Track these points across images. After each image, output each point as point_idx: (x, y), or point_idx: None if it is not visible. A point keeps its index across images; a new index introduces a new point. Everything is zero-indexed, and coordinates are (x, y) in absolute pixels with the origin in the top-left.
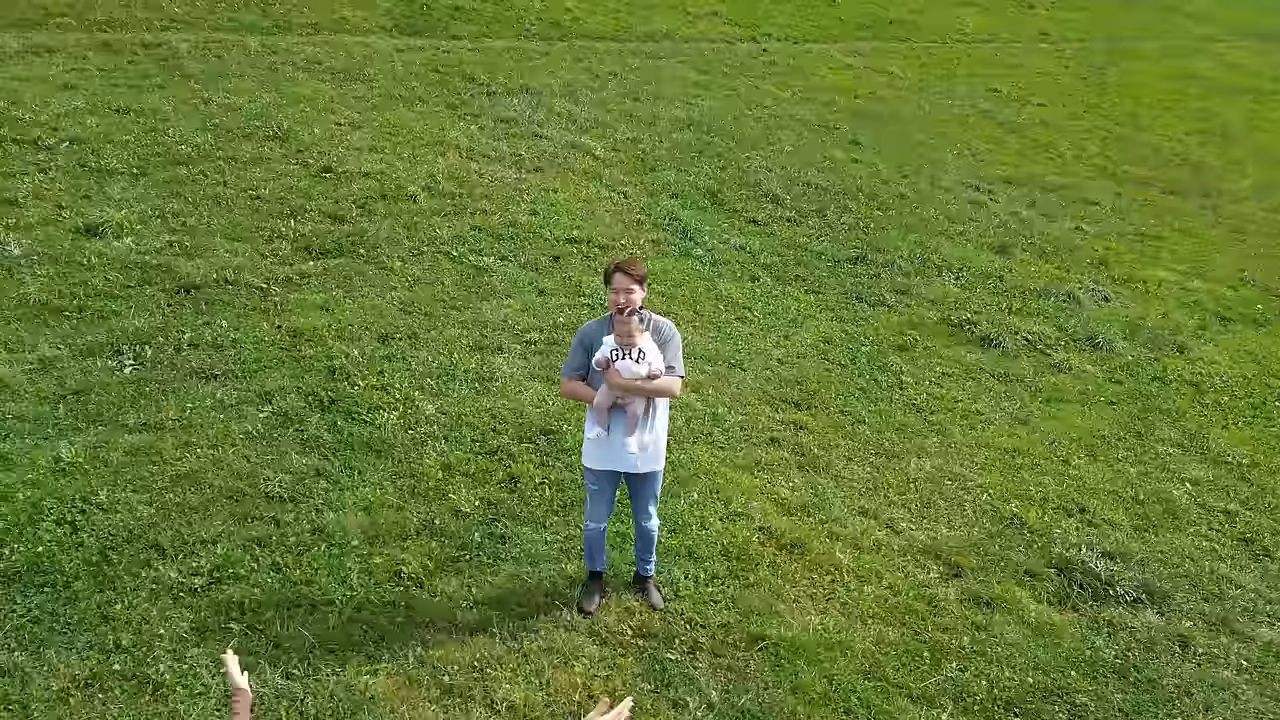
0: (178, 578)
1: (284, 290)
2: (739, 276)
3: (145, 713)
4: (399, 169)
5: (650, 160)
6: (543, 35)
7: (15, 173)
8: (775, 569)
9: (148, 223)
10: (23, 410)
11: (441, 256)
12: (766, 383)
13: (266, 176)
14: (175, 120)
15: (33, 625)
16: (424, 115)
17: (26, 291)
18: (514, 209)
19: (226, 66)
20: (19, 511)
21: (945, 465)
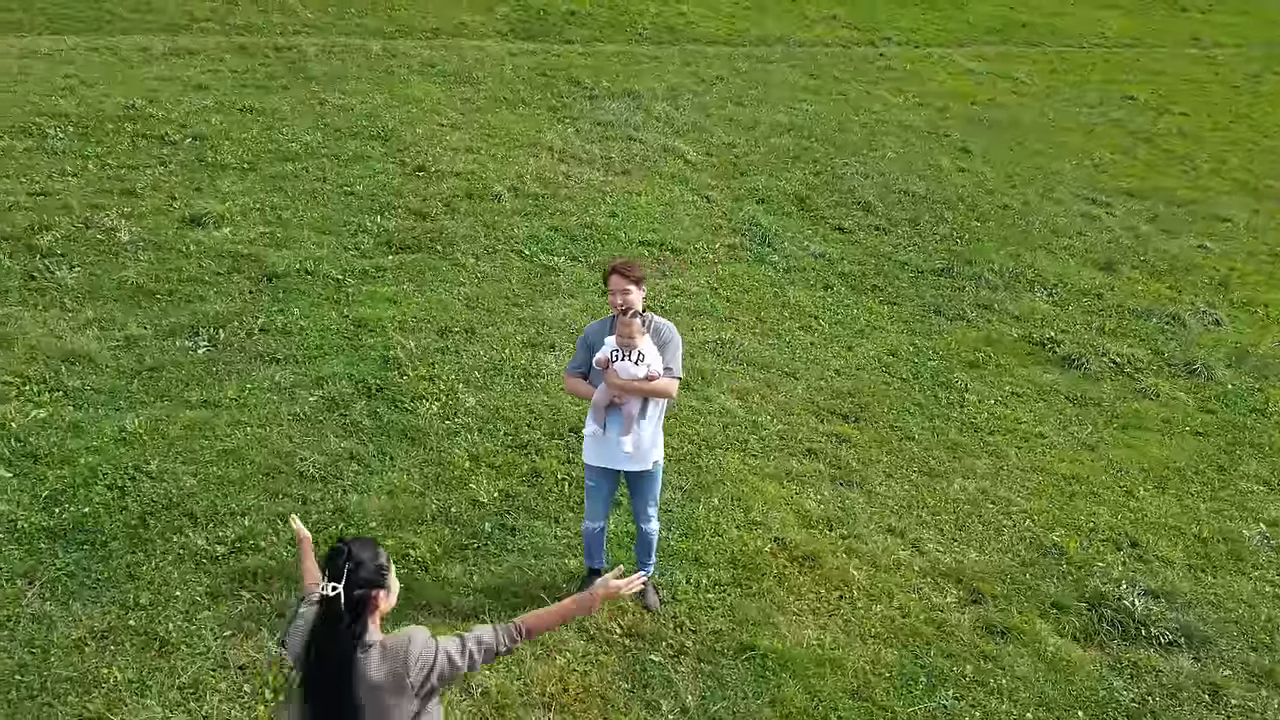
0: (204, 545)
1: (358, 282)
2: (812, 284)
3: (148, 666)
4: (489, 169)
5: (742, 165)
6: (654, 39)
7: (139, 165)
8: (782, 580)
9: (247, 214)
10: (101, 383)
11: (514, 255)
12: (818, 393)
13: (363, 174)
14: (291, 119)
15: (67, 579)
16: (524, 117)
17: (126, 275)
18: (593, 211)
19: (346, 69)
20: (77, 475)
21: (991, 488)
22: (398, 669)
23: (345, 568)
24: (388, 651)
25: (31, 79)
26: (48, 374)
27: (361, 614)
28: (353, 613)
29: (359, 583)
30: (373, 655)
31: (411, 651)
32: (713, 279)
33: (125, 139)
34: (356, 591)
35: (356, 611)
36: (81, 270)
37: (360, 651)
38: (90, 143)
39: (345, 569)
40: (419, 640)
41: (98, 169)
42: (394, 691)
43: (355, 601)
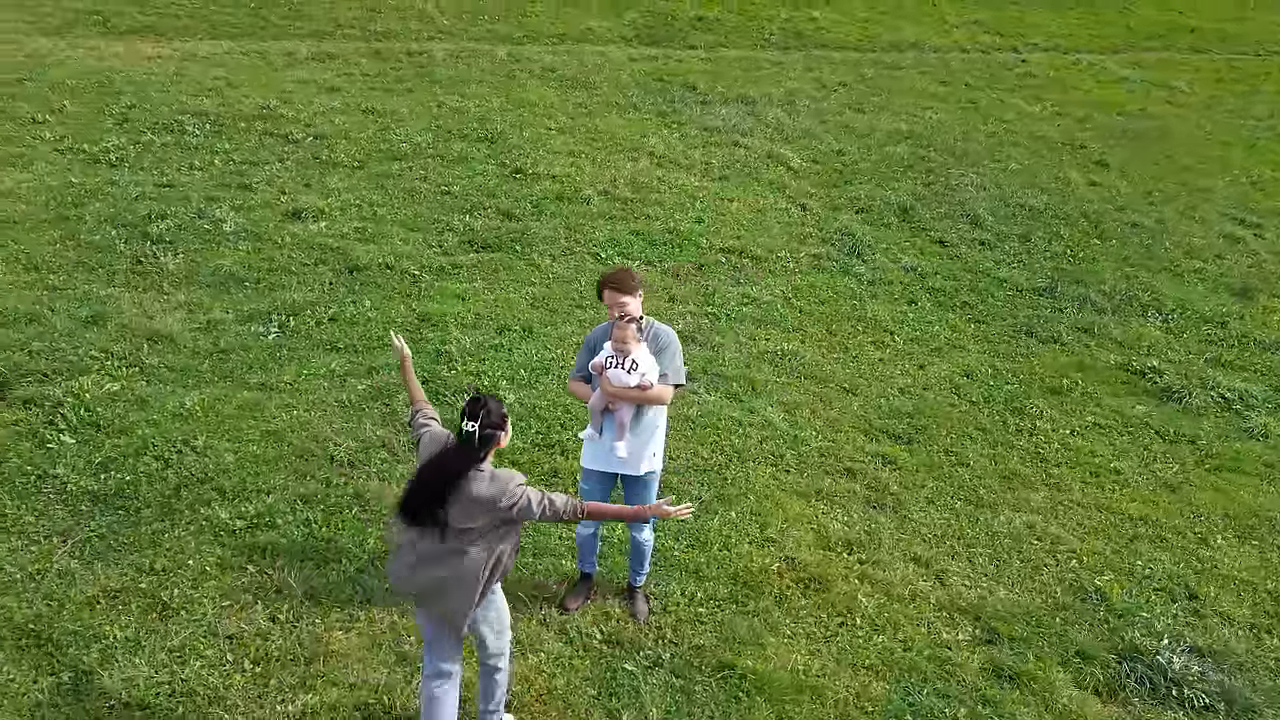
0: (225, 519)
1: (433, 278)
2: (895, 298)
3: (146, 628)
4: (586, 172)
5: (848, 173)
6: (781, 45)
7: (260, 161)
8: (781, 601)
9: (345, 210)
10: (176, 362)
11: (589, 257)
12: (874, 412)
13: (463, 175)
14: (408, 120)
15: (97, 540)
16: (632, 122)
17: (223, 263)
18: (680, 216)
19: (470, 73)
20: (131, 444)
21: (1041, 523)
22: (496, 493)
23: (481, 414)
24: (496, 479)
25: (185, 80)
26: (130, 351)
27: (487, 447)
28: (482, 445)
29: (488, 425)
30: (485, 476)
31: (509, 486)
32: (789, 288)
33: (254, 137)
34: (486, 431)
35: (484, 444)
36: (184, 257)
37: (476, 470)
38: (222, 139)
39: (481, 415)
40: (516, 480)
41: (222, 164)
42: (488, 509)
43: (485, 438)
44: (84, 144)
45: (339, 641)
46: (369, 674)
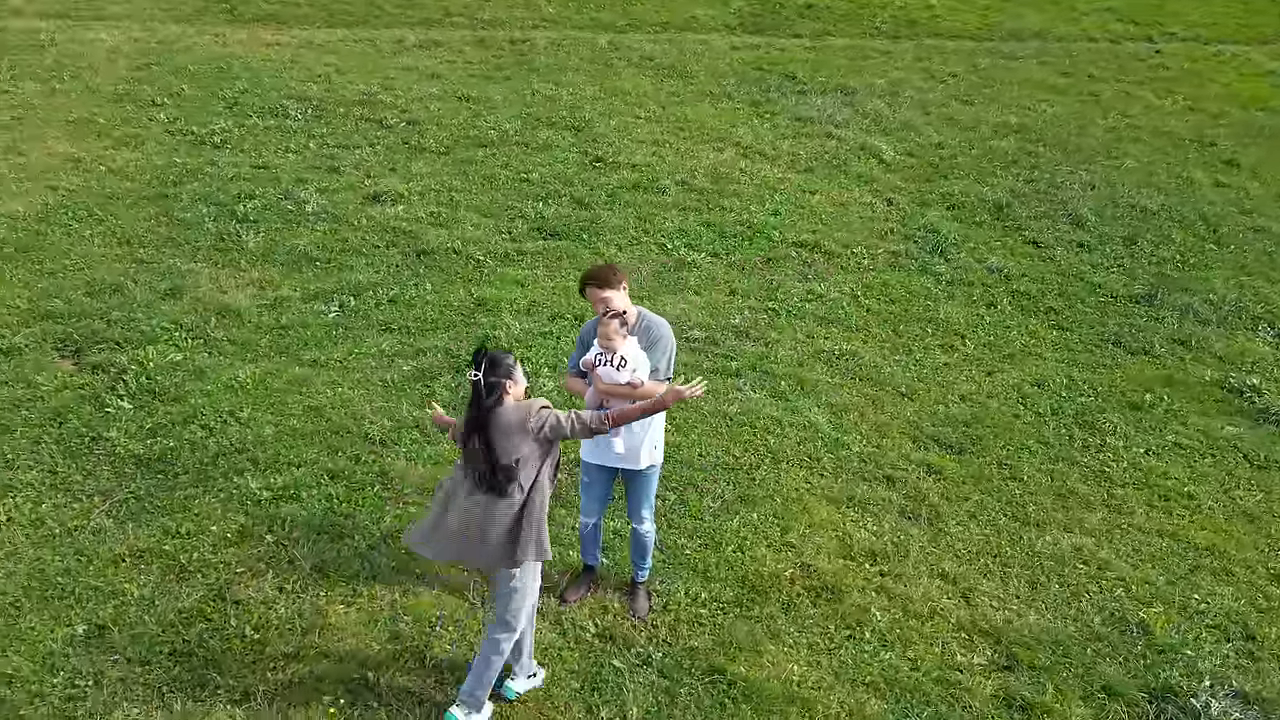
0: (254, 488)
1: (496, 264)
2: (973, 300)
3: (162, 588)
4: (666, 162)
5: (944, 167)
6: (891, 33)
7: (351, 145)
8: (789, 609)
9: (424, 195)
10: (239, 336)
11: (656, 248)
12: (928, 418)
13: (544, 162)
14: (501, 108)
15: (134, 501)
16: (723, 111)
17: (299, 242)
18: (756, 208)
19: (568, 61)
20: (182, 413)
21: (1092, 547)
22: (524, 416)
23: (484, 364)
24: (519, 407)
25: (297, 66)
26: (198, 323)
27: (495, 394)
28: (490, 392)
29: (491, 374)
30: (508, 406)
31: (533, 408)
32: (859, 286)
33: (350, 122)
34: (489, 380)
35: (490, 391)
36: (264, 236)
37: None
38: (320, 124)
39: (484, 364)
40: (539, 403)
41: (317, 147)
42: (520, 431)
43: (490, 386)
44: (193, 126)
45: (338, 615)
46: (358, 648)
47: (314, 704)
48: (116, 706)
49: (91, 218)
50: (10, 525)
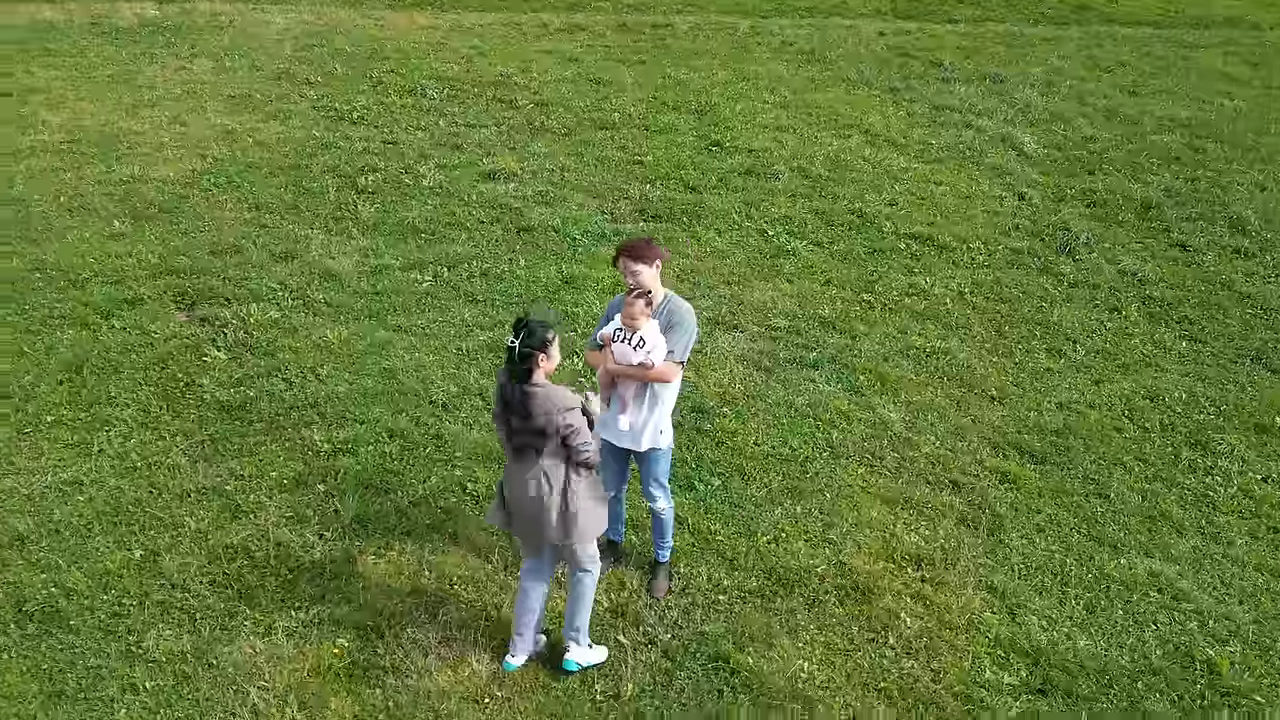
0: (316, 440)
1: (591, 243)
2: (1096, 305)
3: (215, 524)
4: (787, 148)
5: (1092, 162)
6: (1058, 19)
7: (477, 124)
8: (813, 605)
9: (537, 174)
10: (336, 299)
11: (756, 234)
12: (1016, 424)
13: (660, 145)
14: (629, 91)
15: (210, 443)
16: (858, 98)
17: (408, 215)
18: (872, 197)
19: (706, 45)
20: (269, 366)
21: (1172, 575)
22: (550, 409)
23: (522, 333)
24: (550, 396)
25: (444, 49)
26: (303, 284)
27: (528, 363)
28: (523, 360)
29: (527, 344)
30: (539, 391)
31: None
32: (969, 283)
33: (482, 102)
34: (524, 349)
35: (524, 359)
36: (378, 207)
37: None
38: (453, 103)
39: (522, 334)
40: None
41: (446, 125)
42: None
43: (524, 356)
44: (337, 103)
45: (367, 565)
46: (384, 598)
47: (325, 643)
48: (153, 626)
49: (229, 184)
50: (100, 456)
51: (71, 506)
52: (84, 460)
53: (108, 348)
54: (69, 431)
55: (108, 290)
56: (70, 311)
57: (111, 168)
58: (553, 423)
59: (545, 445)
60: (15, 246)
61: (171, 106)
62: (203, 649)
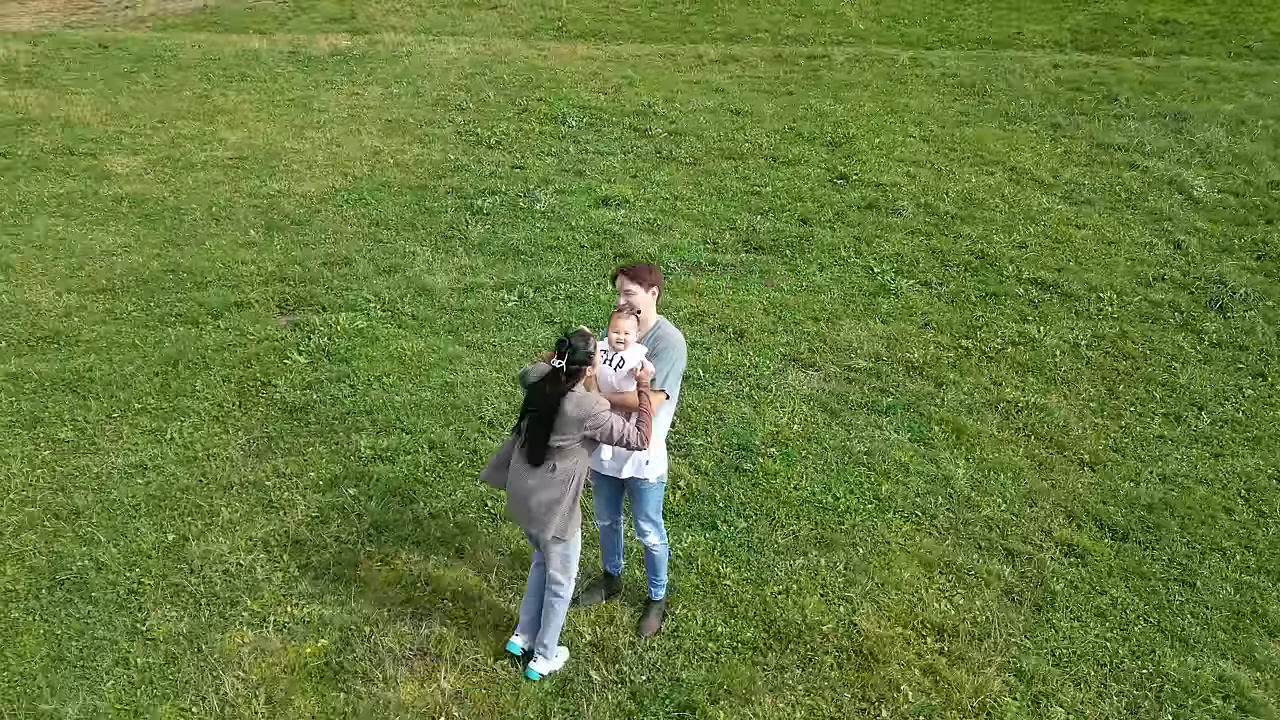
0: (361, 445)
1: (683, 272)
2: (1238, 368)
3: (245, 517)
4: (918, 183)
5: (1272, 211)
6: (1267, 54)
7: (605, 152)
8: (807, 664)
9: (650, 201)
10: (423, 313)
11: (860, 271)
12: (1103, 494)
13: (783, 177)
14: (766, 122)
15: (266, 440)
16: (1011, 133)
17: (513, 237)
18: (1000, 239)
19: (859, 77)
20: (340, 373)
21: (1246, 683)
22: (583, 415)
23: (566, 353)
24: (582, 402)
25: (597, 78)
26: (396, 298)
27: (574, 379)
28: (570, 378)
29: (574, 362)
30: (573, 398)
31: (594, 409)
32: (1089, 335)
33: (619, 131)
34: (572, 367)
35: (571, 377)
36: (488, 229)
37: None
38: (590, 131)
39: (566, 354)
40: (603, 405)
41: (575, 152)
42: (576, 426)
43: (570, 373)
44: (479, 129)
45: (370, 570)
46: (372, 603)
47: (309, 639)
48: (160, 606)
49: (359, 201)
50: (168, 444)
51: (129, 488)
52: (154, 446)
53: (206, 345)
54: (149, 419)
55: (223, 293)
56: (186, 311)
57: (264, 182)
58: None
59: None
60: (160, 250)
61: (334, 129)
62: (197, 633)
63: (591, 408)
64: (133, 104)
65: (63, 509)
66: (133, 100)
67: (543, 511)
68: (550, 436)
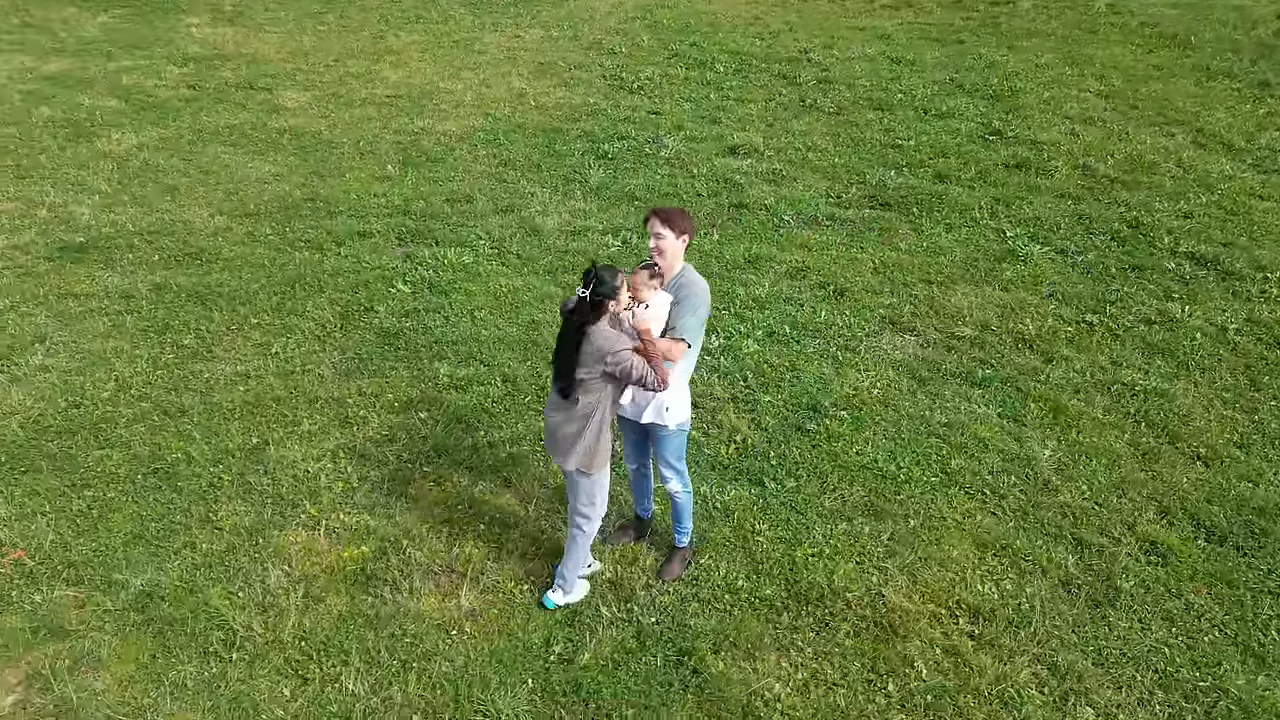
0: (441, 373)
1: (800, 226)
2: None
3: (321, 428)
4: (1080, 142)
5: None
6: None
7: (745, 100)
8: (822, 628)
9: (780, 152)
10: (527, 252)
11: (991, 233)
12: (1210, 492)
13: (931, 130)
14: (927, 72)
15: (357, 361)
16: (1209, 90)
17: (630, 183)
18: (1162, 207)
19: (1045, 25)
20: (438, 304)
21: None
22: (606, 348)
23: (592, 283)
24: (607, 337)
25: (758, 24)
26: (505, 237)
27: (599, 310)
28: (594, 309)
29: (598, 293)
30: (599, 331)
31: (615, 346)
32: (1243, 318)
33: (765, 78)
34: (596, 297)
35: (595, 308)
36: (609, 173)
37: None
38: (737, 77)
39: (592, 283)
40: (624, 343)
41: (716, 99)
42: (597, 359)
43: (595, 303)
44: (625, 73)
45: (421, 489)
46: (415, 521)
47: (351, 545)
48: (232, 500)
49: (493, 141)
50: (272, 357)
51: (231, 393)
52: (259, 358)
53: (324, 270)
54: (260, 334)
55: (350, 223)
56: (314, 237)
57: (412, 120)
58: (598, 368)
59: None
60: (305, 180)
61: (488, 70)
62: (258, 529)
63: (614, 343)
64: (314, 43)
65: (171, 407)
66: (315, 39)
67: (567, 444)
68: (575, 369)
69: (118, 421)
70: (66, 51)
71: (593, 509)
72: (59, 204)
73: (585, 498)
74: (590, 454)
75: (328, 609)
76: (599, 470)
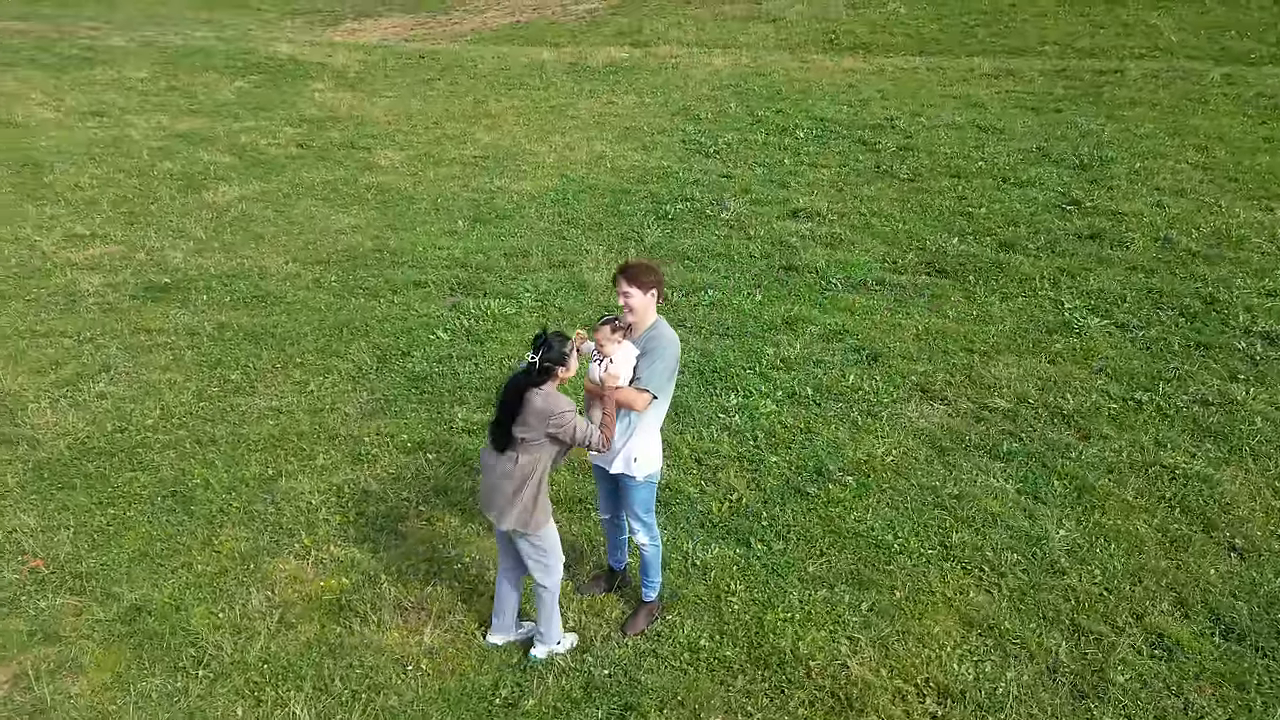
0: (457, 418)
1: (848, 290)
2: None
3: (332, 462)
4: (1166, 214)
5: None
6: None
7: (819, 165)
8: (776, 695)
9: (843, 216)
10: (570, 306)
11: (1048, 304)
12: (1234, 585)
13: (1006, 199)
14: (1014, 140)
15: (381, 401)
16: None
17: (685, 243)
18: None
19: (1149, 96)
20: (471, 352)
21: None
22: (547, 410)
23: (541, 349)
24: (549, 398)
25: (849, 91)
26: (551, 290)
27: (546, 376)
28: (542, 374)
29: (548, 359)
30: (541, 394)
31: (558, 408)
32: None
33: (844, 144)
34: (545, 364)
35: (543, 374)
36: (665, 233)
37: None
38: (816, 144)
39: (541, 350)
40: (566, 406)
41: (790, 164)
42: (539, 420)
43: (544, 369)
44: (704, 138)
45: (413, 526)
46: (399, 557)
47: (333, 576)
48: (235, 526)
49: (562, 201)
50: (303, 394)
51: (260, 426)
52: (294, 395)
53: (373, 315)
54: (301, 372)
55: (410, 273)
56: (374, 285)
57: (491, 180)
58: (541, 430)
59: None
60: (379, 232)
61: (574, 134)
62: (252, 555)
63: (557, 406)
64: (420, 107)
65: (204, 436)
66: (422, 104)
67: (502, 501)
68: (514, 426)
69: (153, 446)
70: (201, 112)
71: (547, 568)
72: (156, 248)
73: (537, 556)
74: (528, 513)
75: (297, 635)
76: (540, 529)
